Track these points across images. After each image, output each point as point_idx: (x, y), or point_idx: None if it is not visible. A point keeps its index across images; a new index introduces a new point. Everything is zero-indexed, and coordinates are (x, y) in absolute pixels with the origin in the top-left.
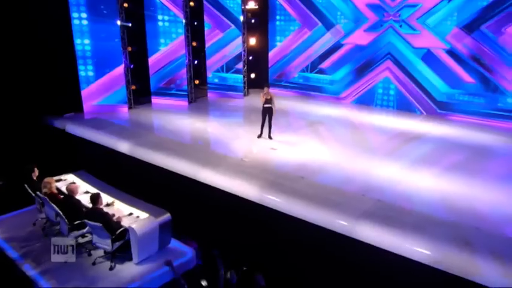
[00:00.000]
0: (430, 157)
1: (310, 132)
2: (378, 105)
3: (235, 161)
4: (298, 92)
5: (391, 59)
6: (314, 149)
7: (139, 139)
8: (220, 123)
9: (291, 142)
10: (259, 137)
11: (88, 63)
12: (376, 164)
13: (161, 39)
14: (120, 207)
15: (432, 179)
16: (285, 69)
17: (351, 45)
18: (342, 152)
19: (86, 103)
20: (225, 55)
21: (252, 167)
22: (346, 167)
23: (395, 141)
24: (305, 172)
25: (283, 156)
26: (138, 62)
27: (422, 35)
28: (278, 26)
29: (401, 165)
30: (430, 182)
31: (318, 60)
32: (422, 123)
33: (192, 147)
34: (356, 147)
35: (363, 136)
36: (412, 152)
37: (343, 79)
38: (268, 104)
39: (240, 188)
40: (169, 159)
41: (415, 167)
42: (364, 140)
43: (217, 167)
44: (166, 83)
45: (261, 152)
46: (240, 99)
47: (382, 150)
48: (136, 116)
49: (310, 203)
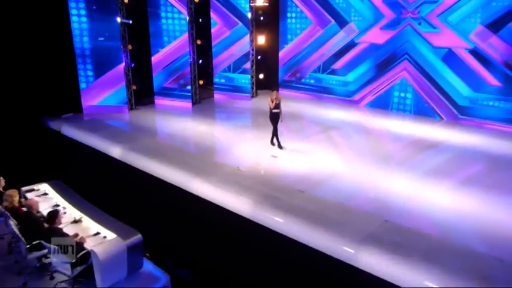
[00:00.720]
0: (447, 169)
1: (318, 138)
2: (394, 110)
3: (231, 170)
4: (309, 94)
5: (408, 59)
6: (321, 158)
7: (134, 143)
8: (224, 126)
9: (296, 149)
10: (280, 147)
11: (87, 62)
12: (387, 176)
13: (165, 38)
14: (88, 224)
15: (448, 195)
16: (296, 69)
17: (365, 45)
18: (351, 162)
19: (86, 103)
20: (232, 54)
21: (247, 178)
22: (353, 178)
23: (410, 150)
24: (307, 184)
25: (285, 166)
26: (140, 61)
27: (443, 34)
28: (289, 23)
29: (414, 177)
30: (445, 199)
31: (331, 60)
32: (442, 130)
33: (188, 153)
34: (367, 156)
35: (376, 144)
36: (427, 163)
37: (357, 81)
38: (277, 109)
39: (231, 202)
40: (161, 166)
41: (429, 180)
42: (377, 148)
43: (210, 177)
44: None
45: (261, 160)
46: (248, 100)
47: (395, 160)
48: (136, 117)
49: (306, 222)
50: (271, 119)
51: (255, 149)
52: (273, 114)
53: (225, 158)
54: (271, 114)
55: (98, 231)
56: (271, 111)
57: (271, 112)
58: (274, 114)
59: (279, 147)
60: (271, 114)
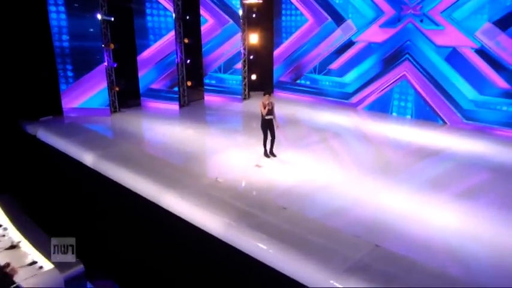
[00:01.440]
0: (449, 181)
1: (311, 145)
2: (394, 113)
3: (209, 181)
4: (304, 96)
5: (410, 59)
6: (312, 168)
7: (108, 150)
8: (210, 131)
9: (285, 158)
10: (266, 155)
11: (67, 61)
12: (383, 190)
13: (151, 36)
14: (26, 250)
15: (451, 214)
16: (291, 70)
17: (363, 44)
18: (345, 173)
19: (67, 106)
20: (222, 54)
21: (225, 190)
22: (345, 193)
23: (410, 159)
24: (292, 199)
25: (270, 177)
26: (124, 61)
27: (447, 32)
28: (284, 21)
29: (412, 191)
30: (447, 218)
31: (327, 60)
32: (445, 136)
33: (165, 161)
34: (364, 166)
35: (374, 152)
36: (428, 174)
37: (355, 82)
38: (270, 115)
39: (201, 219)
40: (132, 175)
41: (430, 194)
42: (375, 157)
43: (184, 190)
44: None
45: (244, 170)
46: (239, 103)
47: (393, 171)
48: (118, 121)
49: (284, 246)
50: (263, 127)
51: (240, 157)
52: (265, 122)
53: (205, 167)
54: (263, 121)
55: (34, 260)
56: (263, 118)
57: (263, 119)
58: (266, 121)
59: (265, 155)
60: (263, 121)
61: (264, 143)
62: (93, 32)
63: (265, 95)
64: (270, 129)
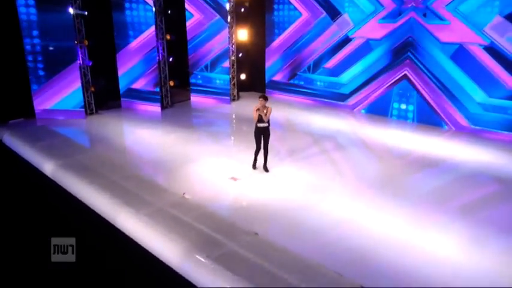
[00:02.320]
0: (454, 198)
1: (300, 154)
2: (394, 117)
3: (174, 198)
4: (298, 97)
5: (411, 57)
6: (297, 182)
7: (72, 158)
8: (188, 136)
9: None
10: (254, 167)
11: (39, 59)
12: (376, 208)
13: (130, 32)
14: None
15: (452, 239)
16: (284, 68)
17: (361, 40)
18: (334, 189)
19: (40, 107)
20: (209, 51)
21: (191, 210)
22: (331, 215)
23: (410, 170)
24: (267, 221)
25: (246, 192)
26: (102, 59)
27: (452, 27)
28: (276, 16)
29: (411, 209)
30: (450, 249)
31: (322, 58)
32: (449, 143)
33: (130, 172)
34: (357, 179)
35: (371, 162)
36: (428, 187)
37: (351, 82)
38: (263, 123)
39: (156, 246)
40: (89, 189)
41: (429, 213)
42: (371, 168)
43: (142, 208)
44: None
45: (217, 184)
46: (227, 104)
47: (390, 184)
48: (93, 124)
49: (250, 285)
50: (255, 135)
51: (218, 167)
52: (257, 130)
53: (175, 179)
54: (255, 129)
55: None
56: (255, 125)
57: (255, 126)
58: (257, 129)
59: (253, 167)
60: (255, 129)
61: (255, 153)
62: (66, 27)
63: (260, 98)
64: (263, 140)
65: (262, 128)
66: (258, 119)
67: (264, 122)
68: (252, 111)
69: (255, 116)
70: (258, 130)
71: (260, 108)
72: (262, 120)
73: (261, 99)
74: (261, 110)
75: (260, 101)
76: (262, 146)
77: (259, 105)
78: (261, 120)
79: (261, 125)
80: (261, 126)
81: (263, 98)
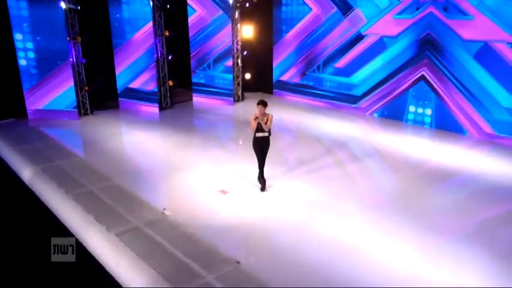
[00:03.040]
0: (471, 214)
1: (304, 163)
2: (410, 122)
3: (153, 214)
4: (307, 98)
5: (429, 56)
6: (296, 197)
7: (51, 163)
8: (184, 141)
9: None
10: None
11: (31, 57)
12: (382, 232)
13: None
14: None
15: (471, 273)
16: (293, 68)
17: (374, 37)
18: (338, 207)
19: (32, 107)
20: (212, 49)
21: (168, 230)
22: (329, 241)
23: (425, 183)
24: (255, 243)
25: (235, 209)
26: (99, 56)
27: (476, 22)
28: (284, 12)
29: (421, 233)
30: (468, 279)
31: (332, 57)
32: (470, 152)
33: (110, 182)
34: (366, 197)
35: (383, 173)
36: (445, 204)
37: (364, 83)
38: (262, 132)
39: (123, 273)
40: (62, 200)
41: (442, 238)
42: (383, 181)
43: (115, 225)
44: None
45: (205, 198)
46: (231, 106)
47: (401, 201)
48: (86, 126)
49: None
50: (253, 146)
51: (207, 177)
52: (255, 140)
53: (158, 191)
54: (254, 141)
55: None
56: (254, 136)
57: (254, 137)
58: (256, 140)
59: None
60: (253, 139)
61: (259, 168)
62: (59, 23)
63: (258, 105)
64: (262, 151)
65: (262, 139)
66: (257, 128)
67: (263, 131)
68: (250, 119)
69: (253, 125)
70: (256, 141)
71: (259, 116)
72: (261, 129)
73: (260, 106)
74: (260, 118)
75: (259, 108)
76: None
77: (258, 112)
78: (260, 129)
79: (260, 135)
80: (260, 137)
81: (262, 105)
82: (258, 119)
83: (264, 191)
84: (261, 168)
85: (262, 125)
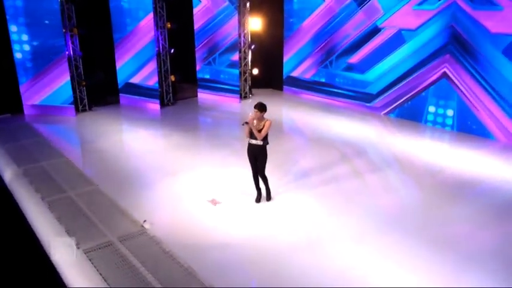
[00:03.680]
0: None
1: (312, 172)
2: (429, 124)
3: (131, 227)
4: (318, 96)
5: (452, 51)
6: (297, 213)
7: (35, 164)
8: (182, 140)
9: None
10: (258, 200)
11: (25, 49)
12: (395, 263)
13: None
14: None
15: None
16: (304, 63)
17: (392, 30)
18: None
19: (28, 102)
20: (218, 42)
21: (144, 247)
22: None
23: (436, 194)
24: (239, 270)
25: (222, 224)
26: (98, 49)
27: (506, 14)
28: (295, 3)
29: (436, 261)
30: None
31: (346, 52)
32: (494, 158)
33: (91, 187)
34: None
35: (400, 184)
36: (461, 226)
37: (380, 80)
38: (255, 139)
39: None
40: (36, 206)
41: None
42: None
43: (88, 239)
44: None
45: (192, 209)
46: (236, 103)
47: (419, 221)
48: (80, 123)
49: None
50: (248, 156)
51: (200, 184)
52: (248, 148)
53: (143, 199)
54: (248, 148)
55: None
56: (248, 142)
57: (248, 143)
58: (249, 147)
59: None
60: (248, 148)
61: (254, 178)
62: (55, 14)
63: (254, 108)
64: (258, 162)
65: (254, 147)
66: (250, 133)
67: (256, 138)
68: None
69: (245, 132)
70: (248, 148)
71: (250, 120)
72: (252, 136)
73: (256, 110)
74: (251, 122)
75: (255, 112)
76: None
77: (253, 117)
78: (252, 135)
79: (253, 142)
80: (253, 144)
81: (258, 109)
82: (249, 124)
83: (259, 202)
84: (254, 178)
85: (254, 132)
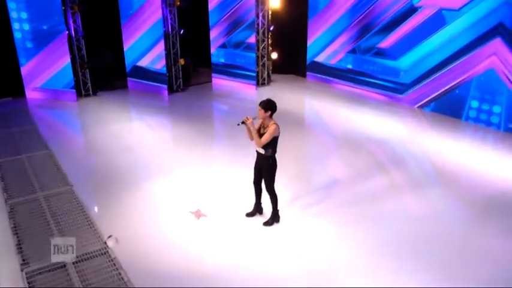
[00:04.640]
0: None
1: (326, 185)
2: (471, 121)
3: (92, 244)
4: (344, 84)
5: (504, 36)
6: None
7: (12, 158)
8: (184, 133)
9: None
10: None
11: (24, 28)
12: None
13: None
14: None
15: None
16: (330, 47)
17: (430, 10)
18: (355, 255)
19: (30, 85)
20: (234, 22)
21: (99, 271)
22: None
23: (476, 215)
24: None
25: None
26: (104, 30)
27: None
28: None
29: None
30: None
31: (376, 35)
32: None
33: (69, 187)
34: (409, 240)
35: (440, 201)
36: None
37: (415, 68)
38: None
39: None
40: None
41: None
42: (428, 210)
43: (36, 259)
44: None
45: (173, 220)
46: (253, 91)
47: (450, 246)
48: (80, 109)
49: None
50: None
51: (188, 189)
52: (257, 155)
53: (118, 206)
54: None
55: None
56: None
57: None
58: (257, 154)
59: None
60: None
61: (255, 189)
62: None
63: (259, 106)
64: (259, 172)
65: (259, 156)
66: (250, 136)
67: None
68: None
69: (247, 134)
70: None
71: (259, 121)
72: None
73: (259, 108)
74: (250, 123)
75: (258, 111)
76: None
77: (253, 116)
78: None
79: (257, 150)
80: (257, 152)
81: (263, 107)
82: (248, 124)
83: (251, 217)
84: (255, 189)
85: (255, 137)
